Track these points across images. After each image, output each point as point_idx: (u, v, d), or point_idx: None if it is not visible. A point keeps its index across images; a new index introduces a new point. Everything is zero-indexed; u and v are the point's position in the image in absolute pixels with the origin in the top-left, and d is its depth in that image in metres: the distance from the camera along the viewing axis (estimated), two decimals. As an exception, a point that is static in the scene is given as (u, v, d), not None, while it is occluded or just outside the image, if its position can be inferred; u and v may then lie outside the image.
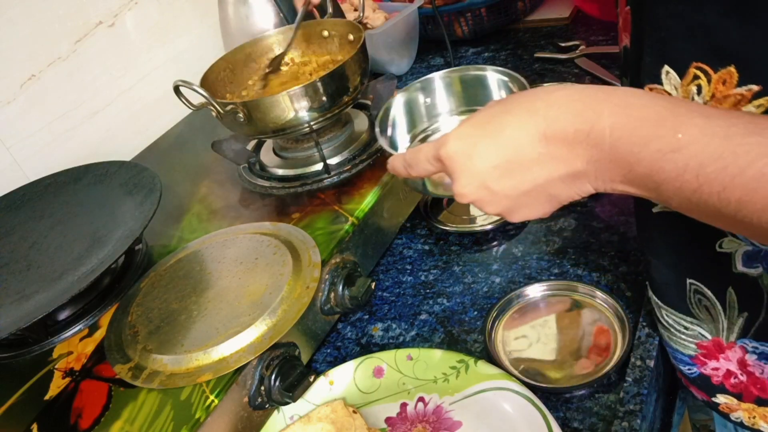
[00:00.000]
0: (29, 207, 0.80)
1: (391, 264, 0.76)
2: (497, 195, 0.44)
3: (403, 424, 0.56)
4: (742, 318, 0.48)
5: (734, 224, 0.36)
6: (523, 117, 0.42)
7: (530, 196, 0.44)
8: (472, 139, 0.44)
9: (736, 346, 0.49)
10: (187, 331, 0.58)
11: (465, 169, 0.44)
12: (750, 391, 0.51)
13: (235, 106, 0.71)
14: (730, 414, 0.54)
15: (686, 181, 0.35)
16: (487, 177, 0.44)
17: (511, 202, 0.44)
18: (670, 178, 0.36)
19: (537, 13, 1.18)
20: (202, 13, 1.15)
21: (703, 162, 0.34)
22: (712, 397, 0.54)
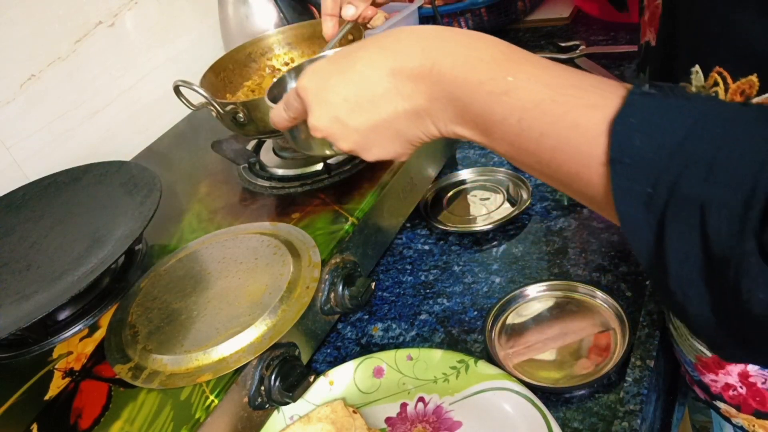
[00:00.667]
0: (29, 207, 0.80)
1: (391, 264, 0.76)
2: (348, 129, 0.45)
3: (403, 424, 0.56)
4: None
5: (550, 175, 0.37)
6: (374, 52, 0.43)
7: (378, 132, 0.44)
8: (325, 73, 0.45)
9: None
10: (187, 331, 0.58)
11: (318, 102, 0.45)
12: (748, 404, 0.51)
13: (236, 106, 0.71)
14: (731, 419, 0.54)
15: (510, 125, 0.36)
16: (338, 110, 0.44)
17: (362, 138, 0.45)
18: (498, 120, 0.37)
19: (537, 13, 1.18)
20: (202, 13, 1.15)
21: (525, 106, 0.36)
22: (713, 401, 0.54)
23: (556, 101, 0.35)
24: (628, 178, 0.31)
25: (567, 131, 0.34)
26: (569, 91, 0.35)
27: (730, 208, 0.28)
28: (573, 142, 0.34)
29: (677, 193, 0.29)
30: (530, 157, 0.37)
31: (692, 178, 0.29)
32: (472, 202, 0.82)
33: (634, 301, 0.61)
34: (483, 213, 0.79)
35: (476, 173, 0.85)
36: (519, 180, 0.81)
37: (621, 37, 1.04)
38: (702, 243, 0.29)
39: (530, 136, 0.36)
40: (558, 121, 0.34)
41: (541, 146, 0.36)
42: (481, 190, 0.83)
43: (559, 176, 0.36)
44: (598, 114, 0.33)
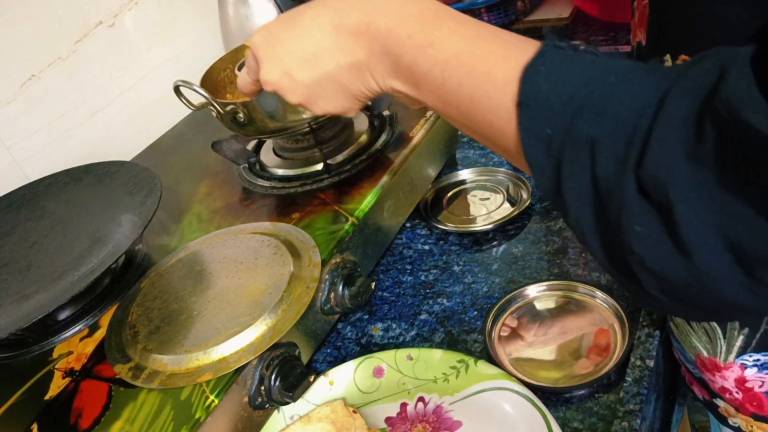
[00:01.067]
0: (29, 207, 0.80)
1: (391, 264, 0.76)
2: (296, 82, 0.47)
3: (403, 424, 0.56)
4: (743, 335, 0.48)
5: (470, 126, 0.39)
6: (319, 9, 0.46)
7: (323, 85, 0.47)
8: (274, 30, 0.48)
9: (735, 365, 0.49)
10: (188, 331, 0.58)
11: (268, 57, 0.48)
12: (746, 408, 0.51)
13: (236, 106, 0.71)
14: (728, 418, 0.54)
15: (435, 77, 0.39)
16: (286, 64, 0.47)
17: (309, 91, 0.48)
18: (425, 72, 0.40)
19: (537, 13, 1.18)
20: (202, 13, 1.15)
21: (447, 58, 0.38)
22: (713, 398, 0.54)
23: (474, 53, 0.37)
24: (532, 120, 0.34)
25: (481, 80, 0.36)
26: (486, 44, 0.37)
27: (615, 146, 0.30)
28: (486, 90, 0.36)
29: (572, 133, 0.32)
30: (453, 108, 0.39)
31: (585, 120, 0.31)
32: (472, 202, 0.82)
33: (634, 302, 0.61)
34: (483, 213, 0.79)
35: (476, 173, 0.85)
36: (519, 180, 0.81)
37: (621, 37, 1.04)
38: (593, 181, 0.31)
39: (451, 87, 0.38)
40: (474, 70, 0.37)
41: (460, 96, 0.38)
42: (481, 190, 0.83)
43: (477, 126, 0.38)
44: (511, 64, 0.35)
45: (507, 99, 0.35)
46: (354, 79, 0.46)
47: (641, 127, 0.29)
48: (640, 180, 0.29)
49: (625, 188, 0.30)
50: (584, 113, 0.31)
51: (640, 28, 0.47)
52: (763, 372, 0.48)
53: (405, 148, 0.77)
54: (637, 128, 0.29)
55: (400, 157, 0.75)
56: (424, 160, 0.80)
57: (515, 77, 0.34)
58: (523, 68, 0.34)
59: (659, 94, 0.29)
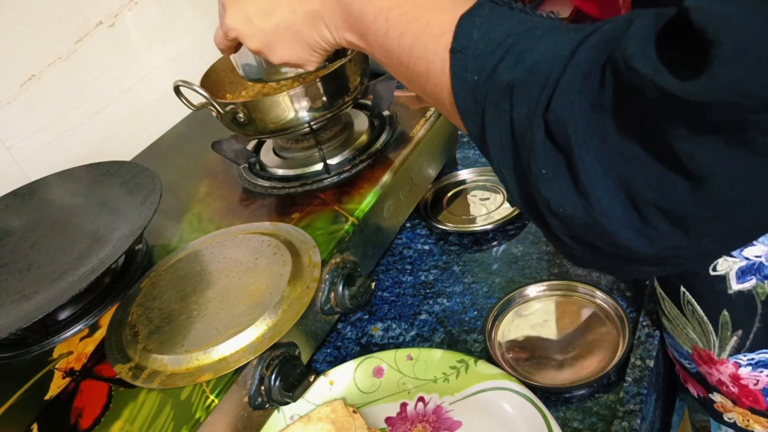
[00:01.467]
0: (29, 207, 0.80)
1: (391, 264, 0.76)
2: (255, 28, 0.49)
3: (403, 424, 0.56)
4: (736, 336, 0.48)
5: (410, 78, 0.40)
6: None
7: (280, 33, 0.49)
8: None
9: (729, 362, 0.49)
10: (188, 331, 0.58)
11: (232, 3, 0.50)
12: (742, 401, 0.51)
13: (236, 106, 0.71)
14: (724, 414, 0.54)
15: (380, 26, 0.40)
16: (247, 10, 0.49)
17: (267, 37, 0.49)
18: (370, 21, 0.41)
19: (537, 13, 1.18)
20: (202, 13, 1.15)
21: (391, 7, 0.40)
22: (709, 393, 0.54)
23: (415, 4, 0.39)
24: (462, 66, 0.35)
25: (420, 30, 0.38)
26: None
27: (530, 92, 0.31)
28: (424, 39, 0.38)
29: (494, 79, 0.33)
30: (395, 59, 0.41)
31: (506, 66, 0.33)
32: (472, 202, 0.82)
33: (634, 301, 0.61)
34: (483, 213, 0.79)
35: (476, 173, 0.85)
36: (519, 180, 0.81)
37: (621, 37, 1.04)
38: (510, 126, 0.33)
39: (393, 36, 0.40)
40: (414, 20, 0.38)
41: (401, 45, 0.39)
42: (481, 190, 0.83)
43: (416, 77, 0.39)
44: (449, 15, 0.37)
45: (442, 48, 0.36)
46: (309, 28, 0.47)
47: (553, 74, 0.31)
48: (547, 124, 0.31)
49: (534, 132, 0.31)
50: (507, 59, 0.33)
51: None
52: (757, 370, 0.48)
53: (405, 148, 0.77)
54: (550, 75, 0.31)
55: (400, 157, 0.75)
56: (424, 160, 0.80)
57: (451, 27, 0.36)
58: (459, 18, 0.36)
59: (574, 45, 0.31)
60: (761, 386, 0.49)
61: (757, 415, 0.51)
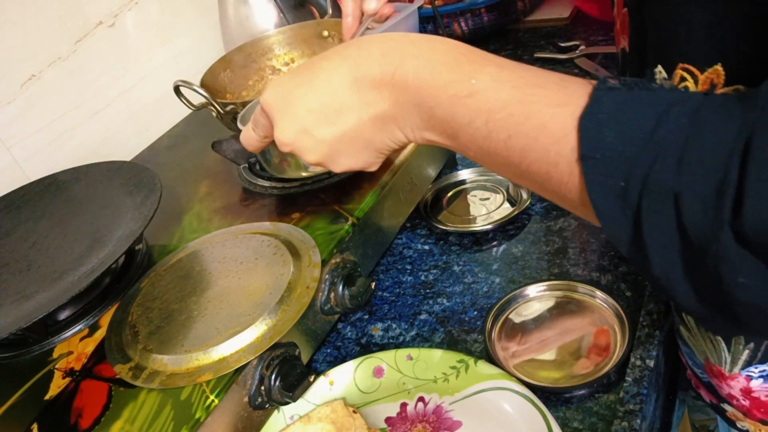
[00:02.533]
0: (29, 207, 0.80)
1: (391, 264, 0.76)
2: (315, 140, 0.44)
3: (403, 424, 0.56)
4: (748, 350, 0.47)
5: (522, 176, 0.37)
6: (336, 62, 0.43)
7: (345, 142, 0.44)
8: (289, 85, 0.45)
9: (740, 377, 0.49)
10: (188, 331, 0.58)
11: (283, 114, 0.45)
12: (753, 414, 0.51)
13: (235, 106, 0.71)
14: (737, 422, 0.54)
15: (477, 128, 0.36)
16: (303, 121, 0.44)
17: (329, 149, 0.45)
18: (464, 123, 0.37)
19: (537, 13, 1.18)
20: (202, 13, 1.15)
21: (492, 108, 0.35)
22: (720, 402, 0.54)
23: (522, 101, 0.35)
24: (600, 173, 0.31)
25: (535, 132, 0.34)
26: (534, 90, 0.35)
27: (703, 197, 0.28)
28: (541, 143, 0.34)
29: (650, 185, 0.30)
30: (501, 159, 0.37)
31: (664, 169, 0.29)
32: (472, 202, 0.82)
33: (634, 301, 0.61)
34: (483, 213, 0.79)
35: (476, 173, 0.85)
36: (519, 180, 0.81)
37: (621, 37, 1.04)
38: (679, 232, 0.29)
39: (498, 138, 0.36)
40: (525, 122, 0.34)
41: (509, 148, 0.36)
42: (481, 190, 0.83)
43: (532, 177, 0.36)
44: (565, 112, 0.33)
45: (566, 150, 0.33)
46: (379, 133, 0.43)
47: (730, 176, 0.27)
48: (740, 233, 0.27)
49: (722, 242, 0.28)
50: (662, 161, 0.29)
51: (622, 35, 0.47)
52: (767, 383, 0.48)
53: (405, 148, 0.77)
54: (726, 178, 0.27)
55: (400, 157, 0.75)
56: (424, 160, 0.80)
57: (572, 127, 0.32)
58: (579, 117, 0.32)
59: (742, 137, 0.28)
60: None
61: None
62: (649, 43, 0.43)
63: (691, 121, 0.29)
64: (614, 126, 0.31)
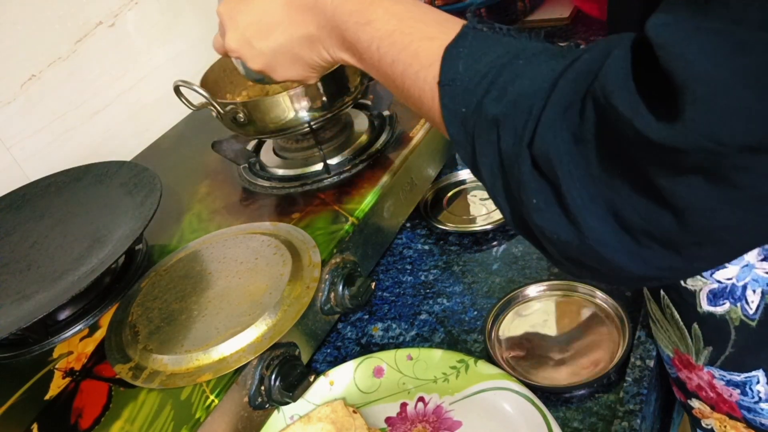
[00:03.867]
0: (29, 207, 0.80)
1: (391, 264, 0.76)
2: (255, 51, 0.50)
3: (403, 424, 0.56)
4: (708, 350, 0.48)
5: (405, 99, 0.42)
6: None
7: (279, 55, 0.50)
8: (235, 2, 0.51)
9: (704, 370, 0.49)
10: (188, 331, 0.58)
11: (230, 26, 0.51)
12: (720, 407, 0.51)
13: (236, 106, 0.71)
14: (702, 420, 0.54)
15: (373, 52, 0.42)
16: (246, 33, 0.50)
17: (267, 59, 0.51)
18: (364, 48, 0.42)
19: (537, 13, 1.18)
20: (202, 13, 1.15)
21: (382, 36, 0.41)
22: (687, 399, 0.54)
23: (404, 32, 0.40)
24: (451, 99, 0.36)
25: (410, 58, 0.39)
26: (416, 24, 0.39)
27: (515, 126, 0.32)
28: (414, 68, 0.39)
29: (481, 112, 0.34)
30: (390, 82, 0.42)
31: (491, 100, 0.34)
32: (471, 202, 0.82)
33: (634, 301, 0.61)
34: (483, 213, 0.79)
35: (476, 173, 0.85)
36: (519, 180, 0.81)
37: (621, 37, 1.04)
38: (498, 157, 0.34)
39: (386, 63, 0.41)
40: (404, 49, 0.39)
41: (394, 72, 0.41)
42: (480, 190, 0.83)
43: (411, 99, 0.41)
44: (435, 44, 0.37)
45: (431, 78, 0.37)
46: (307, 50, 0.48)
47: (535, 107, 0.31)
48: (533, 157, 0.31)
49: (521, 165, 0.32)
50: (492, 92, 0.34)
51: None
52: (730, 387, 0.48)
53: (405, 148, 0.77)
54: (532, 109, 0.31)
55: (400, 157, 0.75)
56: (424, 160, 0.80)
57: (438, 56, 0.37)
58: (445, 48, 0.37)
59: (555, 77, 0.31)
60: (734, 400, 0.49)
61: (734, 421, 0.51)
62: None
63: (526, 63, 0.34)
64: (468, 59, 0.36)
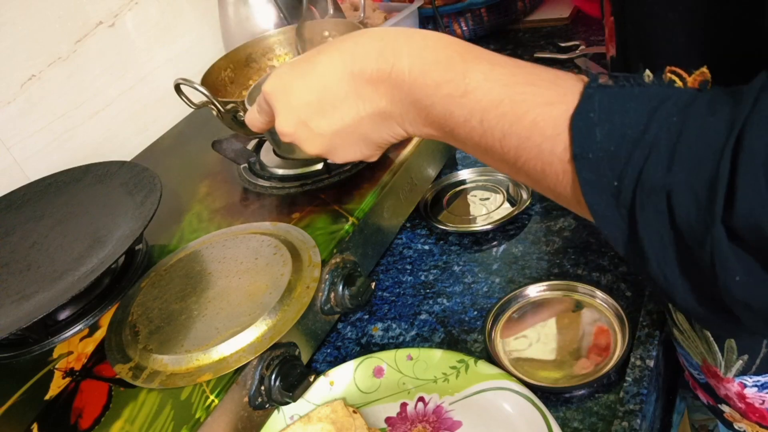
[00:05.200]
0: (29, 207, 0.80)
1: (391, 264, 0.76)
2: (313, 133, 0.45)
3: (403, 424, 0.56)
4: (741, 360, 0.47)
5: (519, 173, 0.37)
6: (333, 55, 0.43)
7: (342, 136, 0.45)
8: (288, 77, 0.45)
9: (735, 381, 0.49)
10: (188, 331, 0.58)
11: (282, 106, 0.46)
12: (749, 416, 0.51)
13: (236, 104, 0.71)
14: (734, 423, 0.54)
15: (473, 127, 0.37)
16: (302, 114, 0.45)
17: (327, 141, 0.46)
18: (460, 122, 0.37)
19: (537, 13, 1.18)
20: (202, 13, 1.15)
21: (486, 108, 0.36)
22: (718, 404, 0.54)
23: (514, 100, 0.35)
24: (593, 172, 0.32)
25: (528, 131, 0.34)
26: (526, 89, 0.35)
27: (695, 194, 0.28)
28: (535, 141, 0.34)
29: (643, 183, 0.30)
30: (497, 157, 0.37)
31: (655, 167, 0.29)
32: (472, 202, 0.82)
33: (634, 301, 0.61)
34: (483, 213, 0.79)
35: (476, 173, 0.85)
36: (519, 180, 0.81)
37: (621, 37, 1.04)
38: (673, 230, 0.29)
39: (493, 137, 0.36)
40: (518, 121, 0.34)
41: (504, 147, 0.36)
42: (481, 190, 0.83)
43: (528, 174, 0.36)
44: (557, 111, 0.33)
45: (559, 149, 0.33)
46: (377, 128, 0.44)
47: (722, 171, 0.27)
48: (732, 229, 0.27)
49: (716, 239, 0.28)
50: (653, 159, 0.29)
51: (611, 43, 0.47)
52: (763, 391, 0.48)
53: (405, 148, 0.77)
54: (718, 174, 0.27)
55: (400, 157, 0.75)
56: (424, 160, 0.80)
57: (564, 126, 0.32)
58: (571, 116, 0.32)
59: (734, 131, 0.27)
60: (766, 407, 0.48)
61: (766, 430, 0.51)
62: (631, 47, 0.43)
63: (682, 118, 0.29)
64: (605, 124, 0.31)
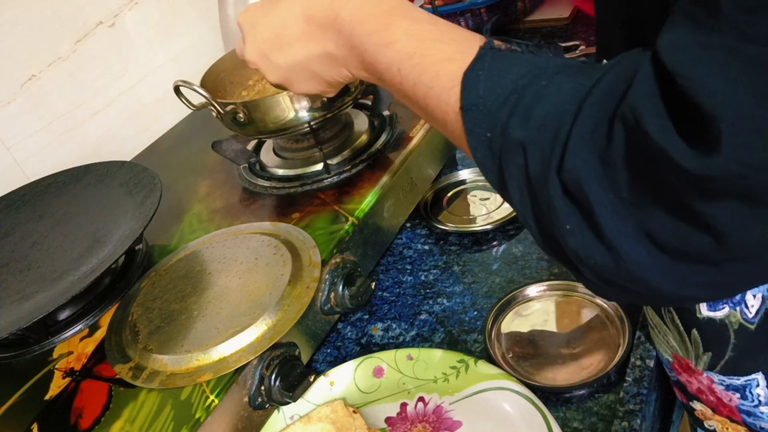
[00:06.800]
0: (29, 207, 0.80)
1: (391, 264, 0.76)
2: (272, 65, 0.50)
3: (403, 424, 0.56)
4: (707, 356, 0.48)
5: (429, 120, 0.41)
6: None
7: (297, 71, 0.50)
8: (256, 13, 0.51)
9: (704, 375, 0.49)
10: (188, 331, 0.58)
11: (249, 38, 0.51)
12: (720, 410, 0.51)
13: (236, 106, 0.71)
14: (705, 421, 0.54)
15: (393, 74, 0.41)
16: (263, 46, 0.50)
17: (284, 73, 0.51)
18: (385, 69, 0.42)
19: (537, 13, 1.18)
20: (202, 13, 1.15)
21: (402, 58, 0.40)
22: (689, 401, 0.54)
23: (424, 54, 0.39)
24: (474, 123, 0.35)
25: (431, 81, 0.38)
26: (435, 45, 0.39)
27: (541, 150, 0.32)
28: (436, 91, 0.38)
29: (506, 136, 0.33)
30: (413, 103, 0.41)
31: (515, 123, 0.33)
32: (471, 202, 0.82)
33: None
34: (483, 213, 0.79)
35: (476, 173, 0.85)
36: (519, 180, 0.81)
37: (621, 37, 1.04)
38: (527, 181, 0.33)
39: (408, 84, 0.40)
40: (425, 71, 0.39)
41: (416, 93, 0.40)
42: (481, 190, 0.83)
43: (436, 121, 0.40)
44: (455, 66, 0.37)
45: (453, 100, 0.37)
46: (326, 68, 0.48)
47: (561, 130, 0.31)
48: (563, 182, 0.31)
49: (551, 190, 0.31)
50: (515, 117, 0.33)
51: None
52: (730, 391, 0.48)
53: (405, 148, 0.77)
54: (558, 132, 0.31)
55: (400, 157, 0.75)
56: (424, 160, 0.80)
57: (458, 80, 0.36)
58: (464, 72, 0.36)
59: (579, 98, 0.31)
60: (734, 404, 0.49)
61: (736, 424, 0.51)
62: (602, 45, 0.45)
63: (547, 83, 0.33)
64: (488, 82, 0.35)
